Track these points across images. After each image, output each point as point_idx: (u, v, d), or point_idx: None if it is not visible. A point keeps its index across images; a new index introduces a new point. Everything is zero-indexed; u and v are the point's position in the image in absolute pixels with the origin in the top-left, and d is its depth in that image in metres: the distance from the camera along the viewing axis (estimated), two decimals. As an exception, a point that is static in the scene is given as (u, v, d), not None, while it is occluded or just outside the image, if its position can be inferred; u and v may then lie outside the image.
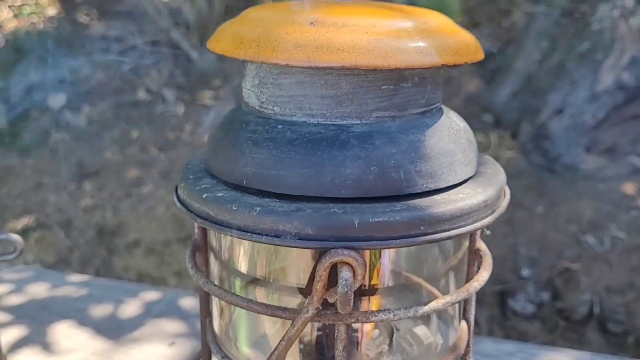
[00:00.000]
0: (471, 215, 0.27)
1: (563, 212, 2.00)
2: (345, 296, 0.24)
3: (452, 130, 0.29)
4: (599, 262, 1.86)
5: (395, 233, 0.25)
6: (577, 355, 0.75)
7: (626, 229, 1.93)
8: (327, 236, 0.25)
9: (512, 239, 1.94)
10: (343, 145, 0.27)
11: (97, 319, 0.84)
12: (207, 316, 0.36)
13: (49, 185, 2.30)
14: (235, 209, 0.27)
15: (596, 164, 2.22)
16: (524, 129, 2.29)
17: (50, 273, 1.03)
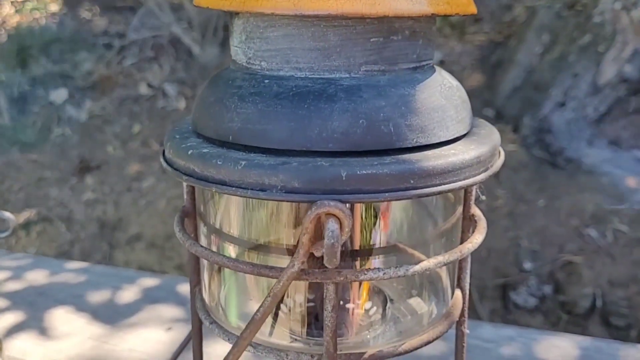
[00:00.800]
0: (463, 171, 0.27)
1: (565, 206, 1.99)
2: (331, 249, 0.24)
3: (444, 86, 0.29)
4: (602, 256, 1.85)
5: (384, 186, 0.25)
6: (577, 340, 0.74)
7: (629, 222, 1.92)
8: (313, 189, 0.25)
9: (514, 232, 1.93)
10: (330, 98, 0.26)
11: (95, 304, 0.83)
12: (197, 285, 0.36)
13: (50, 180, 2.30)
14: (220, 164, 0.26)
15: (598, 158, 2.20)
16: (525, 122, 2.28)
17: (48, 260, 1.03)
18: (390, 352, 0.30)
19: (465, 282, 0.35)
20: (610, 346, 0.72)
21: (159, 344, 0.74)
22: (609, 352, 0.70)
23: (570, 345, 0.72)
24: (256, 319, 0.25)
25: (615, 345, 0.72)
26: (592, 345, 0.72)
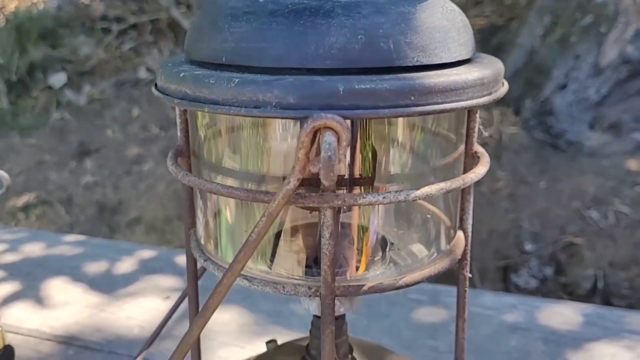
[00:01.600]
0: (466, 91, 0.26)
1: (566, 188, 1.98)
2: (328, 162, 0.23)
3: (445, 9, 0.27)
4: (603, 237, 1.84)
5: (384, 102, 0.24)
6: (580, 307, 0.73)
7: (630, 204, 1.91)
8: (309, 104, 0.24)
9: (515, 214, 1.92)
10: (328, 14, 0.25)
11: (92, 275, 0.83)
12: (191, 227, 0.35)
13: (50, 163, 2.29)
14: (213, 83, 0.25)
15: (600, 141, 2.19)
16: (527, 105, 2.26)
17: (45, 234, 1.02)
18: (390, 285, 0.29)
19: (468, 224, 0.34)
20: (613, 313, 0.71)
21: (156, 312, 0.74)
22: (611, 319, 0.69)
23: (573, 312, 0.71)
24: (250, 240, 0.24)
25: (619, 312, 0.71)
26: (594, 312, 0.71)
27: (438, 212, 0.35)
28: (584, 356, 0.63)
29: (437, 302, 0.74)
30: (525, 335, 0.67)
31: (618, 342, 0.65)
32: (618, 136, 2.17)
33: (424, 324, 0.70)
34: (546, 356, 0.63)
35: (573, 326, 0.68)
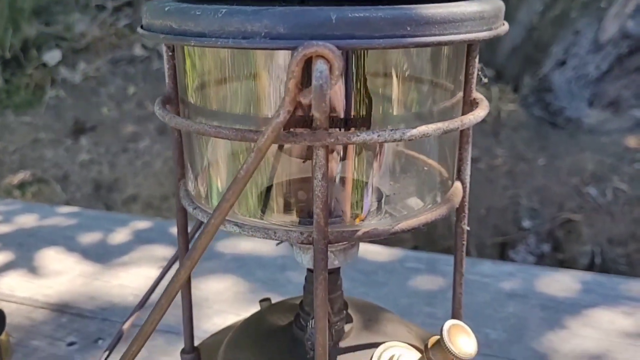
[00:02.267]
0: (464, 24, 0.25)
1: (565, 165, 1.97)
2: (320, 92, 0.21)
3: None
4: (601, 214, 1.83)
5: (378, 32, 0.23)
6: (578, 275, 0.73)
7: (629, 180, 1.90)
8: (300, 34, 0.22)
9: (513, 191, 1.92)
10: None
11: (86, 245, 0.82)
12: (181, 178, 0.34)
13: (45, 141, 2.27)
14: (199, 14, 0.24)
15: (599, 118, 2.18)
16: (525, 81, 2.25)
17: (38, 206, 1.01)
18: (385, 231, 0.28)
19: (466, 175, 0.33)
20: (611, 280, 0.70)
21: (151, 280, 0.73)
22: (610, 286, 0.69)
23: (571, 280, 0.71)
24: (239, 177, 0.23)
25: (617, 279, 0.71)
26: (593, 280, 0.71)
27: (435, 164, 0.34)
28: (582, 322, 0.62)
29: (434, 270, 0.73)
30: (523, 302, 0.66)
31: (616, 308, 0.65)
32: (617, 113, 2.15)
33: (421, 291, 0.69)
34: (544, 322, 0.62)
35: (571, 293, 0.68)
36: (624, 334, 0.60)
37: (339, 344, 0.36)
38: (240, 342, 0.37)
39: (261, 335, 0.37)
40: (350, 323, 0.37)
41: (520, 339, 0.60)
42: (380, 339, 0.35)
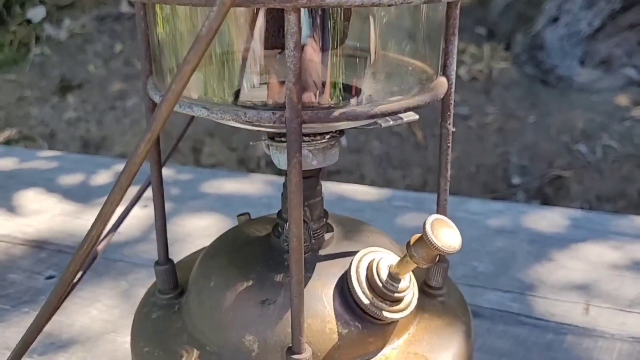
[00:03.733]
0: None
1: (555, 122, 1.96)
2: None
3: None
4: (590, 171, 1.83)
5: None
6: (567, 212, 0.72)
7: (619, 138, 1.90)
8: None
9: (503, 148, 1.91)
10: None
11: (67, 186, 0.80)
12: (149, 75, 0.32)
13: (31, 99, 2.23)
14: None
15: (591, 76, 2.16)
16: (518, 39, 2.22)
17: (19, 150, 0.99)
18: (364, 112, 0.26)
19: (452, 70, 0.32)
20: (600, 217, 0.70)
21: (134, 219, 0.72)
22: (599, 222, 0.68)
23: (560, 216, 0.70)
24: (201, 36, 0.21)
25: (606, 216, 0.70)
26: (582, 216, 0.70)
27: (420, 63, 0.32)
28: (570, 255, 0.62)
29: (421, 208, 0.72)
30: (511, 237, 0.65)
31: (605, 242, 0.64)
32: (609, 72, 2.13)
33: (408, 228, 0.68)
34: (531, 256, 0.62)
35: (559, 229, 0.67)
36: (611, 266, 0.60)
37: (319, 252, 0.34)
38: (216, 251, 0.36)
39: (238, 245, 0.36)
40: (331, 232, 0.36)
41: (507, 271, 0.59)
42: (361, 248, 0.33)
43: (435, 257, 0.29)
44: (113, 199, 0.24)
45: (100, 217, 0.25)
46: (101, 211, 0.25)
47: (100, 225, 0.25)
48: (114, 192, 0.24)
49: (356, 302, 0.31)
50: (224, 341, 0.32)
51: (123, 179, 0.24)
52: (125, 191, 0.24)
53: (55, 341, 0.50)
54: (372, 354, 0.32)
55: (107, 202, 0.24)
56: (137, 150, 0.23)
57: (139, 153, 0.23)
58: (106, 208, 0.24)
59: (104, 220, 0.25)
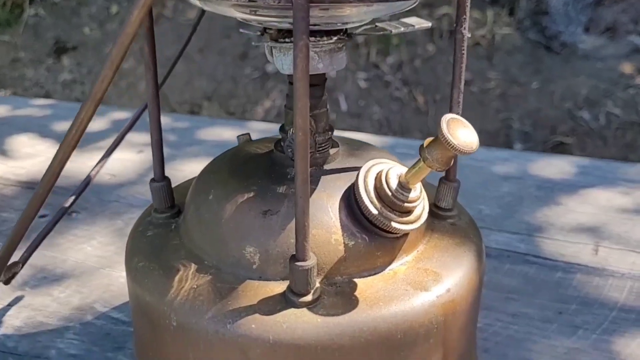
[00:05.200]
0: None
1: (558, 89, 1.93)
2: None
3: None
4: (593, 138, 1.81)
5: None
6: (574, 160, 0.70)
7: (622, 105, 1.87)
8: None
9: (506, 114, 1.88)
10: None
11: (61, 132, 0.78)
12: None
13: (25, 61, 2.19)
14: None
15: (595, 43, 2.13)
16: (521, 4, 2.18)
17: (12, 98, 0.96)
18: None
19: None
20: (609, 165, 0.68)
21: (129, 162, 0.70)
22: (608, 169, 0.66)
23: (568, 164, 0.68)
24: None
25: (615, 164, 0.68)
26: (590, 164, 0.68)
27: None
28: (579, 200, 0.60)
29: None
30: (518, 183, 0.63)
31: (614, 188, 0.62)
32: (613, 39, 2.10)
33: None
34: (539, 201, 0.60)
35: (568, 175, 0.65)
36: (621, 210, 0.58)
37: (324, 166, 0.33)
38: (216, 167, 0.34)
39: (239, 160, 0.34)
40: (336, 148, 0.34)
41: (513, 214, 0.57)
42: (368, 163, 0.31)
43: (451, 159, 0.27)
44: (104, 75, 0.22)
45: (91, 96, 0.23)
46: (92, 90, 0.23)
47: (91, 104, 0.23)
48: (105, 67, 0.22)
49: (364, 213, 0.29)
50: (224, 254, 0.30)
51: (114, 52, 0.22)
52: (117, 67, 0.22)
53: (49, 275, 0.49)
54: (380, 268, 0.30)
55: (98, 78, 0.22)
56: (129, 20, 0.21)
57: (132, 22, 0.21)
58: (97, 87, 0.22)
59: (95, 99, 0.23)
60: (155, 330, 0.30)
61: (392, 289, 0.29)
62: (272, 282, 0.29)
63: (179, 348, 0.29)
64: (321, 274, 0.29)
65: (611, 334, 0.42)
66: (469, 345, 0.33)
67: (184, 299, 0.29)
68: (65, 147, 0.24)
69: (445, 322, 0.29)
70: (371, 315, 0.27)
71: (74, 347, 0.41)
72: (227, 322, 0.27)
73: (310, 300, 0.28)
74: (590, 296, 0.46)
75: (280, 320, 0.27)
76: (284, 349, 0.27)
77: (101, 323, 0.43)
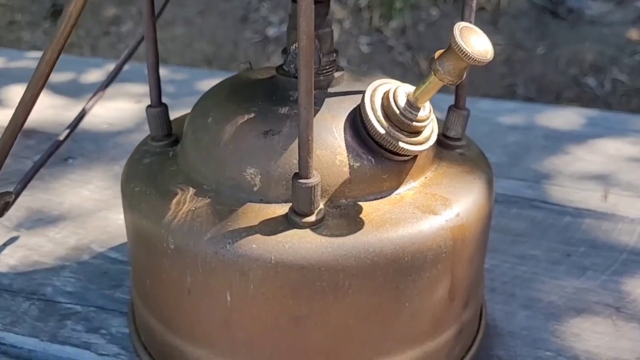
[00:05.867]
0: None
1: (564, 55, 1.90)
2: None
3: None
4: (599, 104, 1.79)
5: None
6: (582, 111, 0.68)
7: (628, 72, 1.85)
8: None
9: (510, 79, 1.86)
10: None
11: (57, 83, 0.76)
12: None
13: (21, 23, 2.16)
14: None
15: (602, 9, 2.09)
16: (528, -32, 2.14)
17: (7, 51, 0.94)
18: None
19: None
20: (618, 116, 0.67)
21: (127, 112, 0.68)
22: (617, 120, 0.65)
23: (576, 115, 0.66)
24: None
25: (623, 115, 0.67)
26: (599, 115, 0.67)
27: None
28: (587, 150, 0.58)
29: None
30: (525, 133, 0.62)
31: (623, 139, 0.61)
32: (621, 5, 2.06)
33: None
34: (547, 150, 0.58)
35: (576, 126, 0.63)
36: (630, 159, 0.57)
37: (328, 89, 0.31)
38: (215, 92, 0.33)
39: (239, 85, 0.32)
40: (341, 71, 0.32)
41: (520, 162, 0.56)
42: (374, 86, 0.30)
43: (464, 70, 0.26)
44: None
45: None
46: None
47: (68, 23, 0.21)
48: None
49: (370, 133, 0.28)
50: (223, 177, 0.29)
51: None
52: None
53: (45, 217, 0.48)
54: (386, 192, 0.29)
55: None
56: None
57: None
58: None
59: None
60: (152, 255, 0.29)
61: (400, 212, 0.28)
62: (274, 205, 0.28)
63: (176, 272, 0.28)
64: (325, 196, 0.28)
65: (621, 275, 0.41)
66: (477, 279, 0.32)
67: (181, 221, 0.27)
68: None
69: (454, 248, 0.28)
70: (377, 236, 0.26)
71: (70, 284, 0.40)
72: (226, 242, 0.26)
73: (314, 220, 0.26)
74: (599, 239, 0.45)
75: (282, 241, 0.26)
76: (286, 270, 0.26)
77: (98, 262, 0.42)
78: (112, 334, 0.36)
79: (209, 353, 0.29)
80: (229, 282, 0.26)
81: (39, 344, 0.35)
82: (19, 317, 0.37)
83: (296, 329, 0.27)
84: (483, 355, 0.34)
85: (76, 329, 0.36)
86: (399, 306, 0.27)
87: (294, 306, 0.26)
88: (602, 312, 0.38)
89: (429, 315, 0.29)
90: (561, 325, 0.36)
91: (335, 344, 0.27)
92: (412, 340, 0.29)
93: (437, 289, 0.28)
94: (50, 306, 0.38)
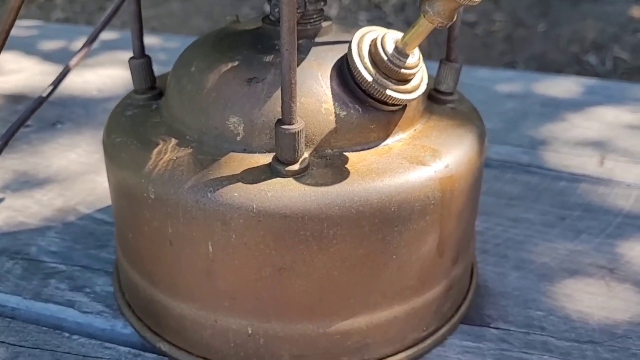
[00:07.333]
0: None
1: (565, 32, 1.88)
2: None
3: None
4: (599, 82, 1.77)
5: None
6: (580, 80, 0.67)
7: (630, 50, 1.83)
8: None
9: (511, 57, 1.84)
10: None
11: (47, 51, 0.75)
12: None
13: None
14: None
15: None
16: (530, -56, 2.11)
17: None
18: None
19: None
20: (616, 85, 0.66)
21: (117, 79, 0.67)
22: (615, 89, 0.64)
23: (574, 83, 0.65)
24: None
25: (623, 84, 0.66)
26: (597, 83, 0.66)
27: None
28: (584, 117, 0.58)
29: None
30: (522, 100, 0.61)
31: (621, 106, 0.60)
32: (623, -18, 2.04)
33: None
34: (544, 117, 0.57)
35: (574, 94, 0.62)
36: (628, 126, 0.56)
37: (315, 39, 0.30)
38: (200, 42, 0.32)
39: (224, 35, 0.31)
40: (329, 21, 0.31)
41: (517, 129, 0.55)
42: (363, 36, 0.29)
43: (454, 11, 0.25)
44: None
45: None
46: None
47: None
48: None
49: (357, 81, 0.27)
50: (206, 127, 0.28)
51: None
52: None
53: (31, 180, 0.47)
54: (374, 143, 0.28)
55: None
56: None
57: None
58: None
59: None
60: (133, 207, 0.28)
61: (387, 162, 0.27)
62: (257, 155, 0.27)
63: (157, 222, 0.27)
64: (310, 145, 0.27)
65: (615, 238, 0.40)
66: (467, 235, 0.31)
67: (162, 170, 0.27)
68: None
69: (443, 199, 0.27)
70: (363, 185, 0.26)
71: (55, 244, 0.39)
72: (207, 191, 0.25)
73: (298, 169, 0.26)
74: (594, 204, 0.44)
75: (264, 189, 0.25)
76: (268, 219, 0.25)
77: (84, 223, 0.41)
78: (97, 292, 0.35)
79: (191, 307, 0.28)
80: (210, 232, 0.26)
81: (22, 301, 0.35)
82: (1, 276, 0.36)
83: (279, 280, 0.26)
84: (473, 314, 0.34)
85: (60, 288, 0.36)
86: (386, 258, 0.27)
87: (277, 256, 0.26)
88: (596, 273, 0.37)
89: (417, 268, 0.28)
90: (553, 286, 0.36)
91: (320, 296, 0.27)
92: (400, 294, 0.28)
93: (425, 242, 0.28)
94: (34, 265, 0.37)
